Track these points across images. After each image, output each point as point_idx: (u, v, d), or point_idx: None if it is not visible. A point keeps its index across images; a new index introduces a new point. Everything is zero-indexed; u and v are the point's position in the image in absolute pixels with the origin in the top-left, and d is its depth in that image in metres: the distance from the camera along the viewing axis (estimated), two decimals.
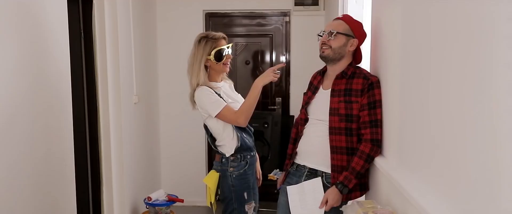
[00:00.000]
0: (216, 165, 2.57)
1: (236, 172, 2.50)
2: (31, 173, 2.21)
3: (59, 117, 2.49)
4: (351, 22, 2.18)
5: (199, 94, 2.45)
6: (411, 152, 1.68)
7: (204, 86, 2.45)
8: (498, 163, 1.02)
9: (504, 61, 0.98)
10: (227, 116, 2.44)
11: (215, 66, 2.50)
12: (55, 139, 2.44)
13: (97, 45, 3.22)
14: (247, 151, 2.53)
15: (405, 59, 1.74)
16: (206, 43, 2.47)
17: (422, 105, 1.54)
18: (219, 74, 2.57)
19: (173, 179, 4.66)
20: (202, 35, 2.52)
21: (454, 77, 1.25)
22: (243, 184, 2.52)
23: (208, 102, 2.43)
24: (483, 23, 1.09)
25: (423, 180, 1.53)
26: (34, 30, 2.24)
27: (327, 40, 2.16)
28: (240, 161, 2.51)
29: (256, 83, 2.44)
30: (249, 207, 2.55)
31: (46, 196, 2.34)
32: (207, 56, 2.46)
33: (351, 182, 2.04)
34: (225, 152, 2.50)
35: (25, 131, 2.16)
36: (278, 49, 4.60)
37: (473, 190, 1.14)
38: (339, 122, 2.11)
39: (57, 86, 2.47)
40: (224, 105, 2.42)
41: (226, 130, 2.49)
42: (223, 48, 2.49)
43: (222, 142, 2.51)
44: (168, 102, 4.60)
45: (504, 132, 0.99)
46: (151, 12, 4.32)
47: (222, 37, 2.52)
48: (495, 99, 1.02)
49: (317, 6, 4.36)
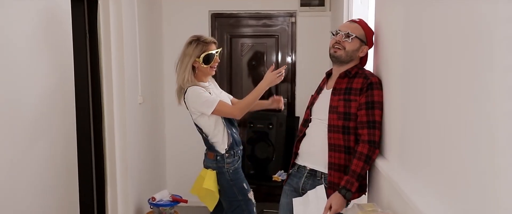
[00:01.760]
0: (210, 163, 2.66)
1: (232, 167, 2.64)
2: (34, 173, 2.22)
3: (62, 116, 2.50)
4: (366, 28, 2.18)
5: (191, 94, 2.56)
6: (411, 154, 1.66)
7: (195, 86, 2.57)
8: (495, 167, 1.00)
9: (504, 64, 0.96)
10: (223, 110, 2.56)
11: (202, 68, 2.63)
12: (58, 139, 2.45)
13: (102, 45, 3.23)
14: (238, 146, 2.67)
15: (405, 61, 1.72)
16: (197, 45, 2.60)
17: (421, 107, 1.53)
18: (206, 75, 2.69)
19: (178, 179, 4.66)
20: (194, 38, 2.65)
21: (453, 79, 1.24)
22: (239, 176, 2.67)
23: (201, 102, 2.54)
24: (481, 25, 1.07)
25: (423, 183, 1.51)
26: (36, 30, 2.25)
27: (342, 40, 2.14)
28: (233, 157, 2.65)
29: (261, 86, 2.56)
30: (251, 195, 2.71)
31: (49, 195, 2.35)
32: (196, 58, 2.58)
33: (353, 186, 2.02)
34: (219, 149, 2.61)
35: (28, 130, 2.17)
36: (284, 50, 4.59)
37: (471, 194, 1.13)
38: (338, 119, 2.10)
39: (60, 86, 2.48)
40: (218, 101, 2.54)
41: (217, 127, 2.61)
42: (212, 53, 2.62)
43: (215, 139, 2.62)
44: (174, 103, 4.58)
45: (503, 136, 0.97)
46: (156, 12, 4.33)
47: (213, 42, 2.66)
48: (494, 102, 1.01)
49: (323, 7, 4.33)
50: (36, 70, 2.23)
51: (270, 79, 2.53)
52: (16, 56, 2.06)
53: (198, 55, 2.58)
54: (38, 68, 2.25)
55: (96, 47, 3.23)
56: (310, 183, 2.20)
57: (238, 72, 4.66)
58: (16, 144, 2.07)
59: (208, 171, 2.66)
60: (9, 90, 2.02)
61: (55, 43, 2.43)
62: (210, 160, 2.66)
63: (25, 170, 2.13)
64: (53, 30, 2.40)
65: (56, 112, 2.43)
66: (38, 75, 2.25)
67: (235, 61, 4.63)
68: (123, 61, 3.35)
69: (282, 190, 2.37)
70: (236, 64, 4.63)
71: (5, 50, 1.99)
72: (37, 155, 2.24)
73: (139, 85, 3.68)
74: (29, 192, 2.17)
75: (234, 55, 4.62)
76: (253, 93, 2.58)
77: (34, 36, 2.23)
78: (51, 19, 2.39)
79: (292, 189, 2.29)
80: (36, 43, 2.24)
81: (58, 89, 2.45)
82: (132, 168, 3.53)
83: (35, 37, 2.24)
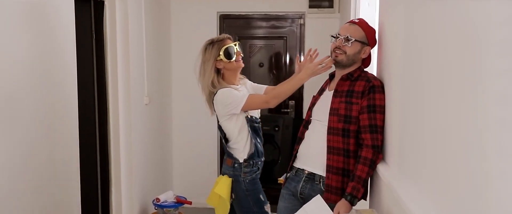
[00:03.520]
0: (227, 170, 2.53)
1: (249, 176, 2.50)
2: (34, 173, 2.22)
3: (63, 117, 2.51)
4: (366, 29, 2.13)
5: (220, 94, 2.44)
6: (410, 161, 1.62)
7: (223, 88, 2.45)
8: (488, 176, 0.96)
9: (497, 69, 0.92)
10: (254, 102, 2.45)
11: (228, 66, 2.50)
12: (59, 139, 2.45)
13: (108, 46, 3.24)
14: (259, 157, 2.53)
15: (405, 66, 1.68)
16: (213, 47, 2.50)
17: (419, 113, 1.49)
18: (235, 73, 2.57)
19: (185, 181, 4.66)
20: (208, 42, 2.54)
21: (448, 84, 1.20)
22: (257, 187, 2.53)
23: (229, 101, 2.42)
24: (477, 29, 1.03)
25: (422, 190, 1.47)
26: (38, 30, 2.26)
27: (342, 45, 2.11)
28: (252, 167, 2.51)
29: (300, 76, 2.34)
30: (268, 207, 2.57)
31: (49, 196, 2.36)
32: (217, 58, 2.47)
33: (359, 192, 1.97)
34: (238, 157, 2.49)
35: (28, 131, 2.18)
36: (292, 51, 4.56)
37: (467, 203, 1.09)
38: (338, 122, 2.06)
39: (62, 86, 2.48)
40: (247, 95, 2.43)
41: (241, 133, 2.48)
42: (231, 46, 2.50)
43: (236, 145, 2.49)
44: (182, 104, 4.60)
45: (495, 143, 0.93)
46: (164, 13, 4.33)
47: (227, 38, 2.55)
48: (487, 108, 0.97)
49: (332, 9, 4.29)
50: (35, 70, 2.24)
51: (311, 69, 2.27)
52: (14, 55, 2.07)
53: (217, 54, 2.47)
54: (38, 68, 2.26)
55: (102, 47, 3.24)
56: (308, 187, 2.17)
57: (246, 73, 4.59)
58: (15, 144, 2.07)
59: (223, 177, 2.53)
60: (9, 90, 2.02)
61: (56, 43, 2.43)
62: (227, 167, 2.53)
63: (23, 170, 2.14)
64: (55, 30, 2.41)
65: (57, 112, 2.44)
66: (38, 76, 2.26)
67: (243, 62, 4.60)
68: (129, 62, 3.35)
69: (280, 193, 2.34)
70: (244, 65, 4.60)
71: (5, 50, 2.00)
72: (37, 155, 2.25)
73: (145, 86, 3.69)
74: (27, 192, 2.17)
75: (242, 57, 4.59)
76: (290, 82, 2.39)
77: (34, 37, 2.23)
78: (53, 19, 2.40)
79: (290, 193, 2.26)
80: (36, 43, 2.25)
81: (59, 89, 2.45)
82: (137, 169, 3.53)
83: (36, 38, 2.24)
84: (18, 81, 2.09)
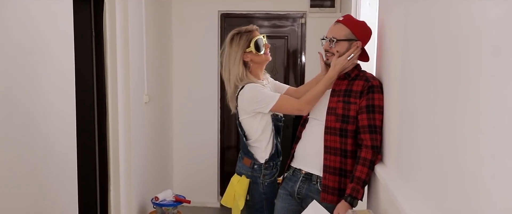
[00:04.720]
0: (245, 170, 2.38)
1: (268, 179, 2.36)
2: (29, 173, 2.21)
3: (60, 116, 2.49)
4: (351, 24, 2.10)
5: (248, 90, 2.26)
6: (406, 161, 1.61)
7: (252, 84, 2.28)
8: (482, 180, 0.95)
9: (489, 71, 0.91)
10: (285, 105, 2.23)
11: (256, 58, 2.35)
12: (56, 138, 2.44)
13: (108, 45, 3.24)
14: (278, 157, 2.41)
15: (404, 66, 1.67)
16: (241, 37, 2.34)
17: (415, 114, 1.48)
18: (262, 67, 2.42)
19: (185, 180, 4.66)
20: (235, 32, 2.38)
21: (446, 86, 1.19)
22: (274, 191, 2.37)
23: (259, 99, 2.24)
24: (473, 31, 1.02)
25: (416, 191, 1.46)
26: (36, 29, 2.26)
27: (329, 47, 2.11)
28: (272, 169, 2.37)
29: (329, 74, 2.13)
30: None
31: (45, 197, 2.35)
32: (245, 50, 2.33)
33: (359, 193, 1.95)
34: (258, 157, 2.34)
35: (25, 129, 2.17)
36: (293, 50, 4.55)
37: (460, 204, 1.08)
38: (335, 121, 2.05)
39: (59, 86, 2.47)
40: (278, 96, 2.24)
41: (264, 133, 2.33)
42: (260, 38, 2.37)
43: (257, 144, 2.34)
44: (182, 103, 4.60)
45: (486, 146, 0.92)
46: (165, 12, 4.33)
47: (255, 29, 2.40)
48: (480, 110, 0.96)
49: (333, 8, 4.28)
50: (34, 69, 2.24)
51: (340, 64, 2.09)
52: (15, 55, 2.07)
53: (247, 45, 2.32)
54: (37, 67, 2.26)
55: (101, 46, 3.24)
56: (305, 187, 2.16)
57: None
58: (10, 143, 2.07)
59: (241, 178, 2.37)
60: (5, 88, 2.02)
61: (54, 42, 2.43)
62: (245, 167, 2.37)
63: (19, 169, 2.13)
64: (53, 28, 2.40)
65: (54, 112, 2.43)
66: (35, 75, 2.25)
67: None
68: (129, 60, 3.34)
69: (277, 193, 2.33)
70: None
71: (4, 49, 1.99)
72: (33, 154, 2.24)
73: (145, 85, 3.68)
74: (23, 192, 2.17)
75: None
76: (320, 84, 2.16)
77: (32, 36, 2.23)
78: (51, 18, 2.39)
79: (287, 193, 2.25)
80: (35, 42, 2.24)
81: (55, 88, 2.44)
82: (136, 168, 3.53)
83: (34, 37, 2.24)
84: (14, 80, 2.08)
